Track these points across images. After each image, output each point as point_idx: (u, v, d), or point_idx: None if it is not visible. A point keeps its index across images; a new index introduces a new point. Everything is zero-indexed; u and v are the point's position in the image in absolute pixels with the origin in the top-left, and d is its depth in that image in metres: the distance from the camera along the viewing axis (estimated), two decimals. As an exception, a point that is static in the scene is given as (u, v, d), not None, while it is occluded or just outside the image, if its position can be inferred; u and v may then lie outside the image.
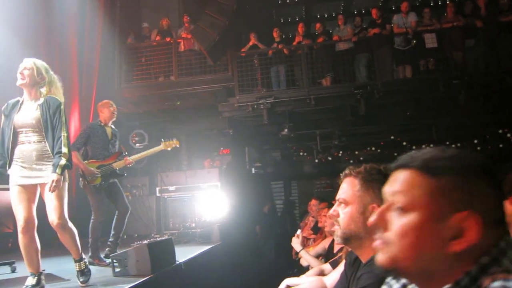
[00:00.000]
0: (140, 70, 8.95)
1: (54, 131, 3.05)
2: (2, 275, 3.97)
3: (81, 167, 4.41)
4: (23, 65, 3.12)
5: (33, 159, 3.02)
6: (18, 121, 3.06)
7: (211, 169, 8.07)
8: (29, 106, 3.11)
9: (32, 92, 3.13)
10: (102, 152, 4.54)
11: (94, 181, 4.41)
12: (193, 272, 4.27)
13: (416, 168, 0.79)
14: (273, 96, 8.29)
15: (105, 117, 4.66)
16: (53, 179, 2.90)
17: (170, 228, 7.51)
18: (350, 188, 1.47)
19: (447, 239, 0.74)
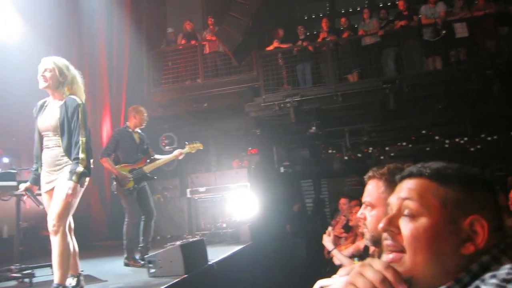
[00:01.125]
0: (167, 74, 9.11)
1: (72, 135, 2.91)
2: (45, 276, 4.13)
3: (114, 172, 4.53)
4: (43, 66, 2.98)
5: (53, 163, 2.94)
6: (41, 124, 3.00)
7: (239, 170, 8.12)
8: (52, 108, 3.01)
9: (56, 93, 3.02)
10: (133, 156, 4.63)
11: (127, 185, 4.51)
12: (225, 272, 4.32)
13: (428, 177, 0.84)
14: (300, 94, 8.24)
15: (135, 122, 4.74)
16: (69, 186, 2.78)
17: (202, 228, 7.61)
18: (374, 191, 1.45)
19: (460, 241, 0.78)
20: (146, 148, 4.80)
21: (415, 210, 0.82)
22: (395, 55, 8.18)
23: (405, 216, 0.83)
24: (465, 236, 0.78)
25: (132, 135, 4.70)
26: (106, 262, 5.22)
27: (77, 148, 2.87)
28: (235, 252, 5.08)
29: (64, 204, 2.82)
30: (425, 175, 0.84)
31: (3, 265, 4.10)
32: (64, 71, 3.01)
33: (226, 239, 6.45)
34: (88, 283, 3.64)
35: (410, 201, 0.83)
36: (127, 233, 4.48)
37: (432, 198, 0.81)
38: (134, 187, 4.55)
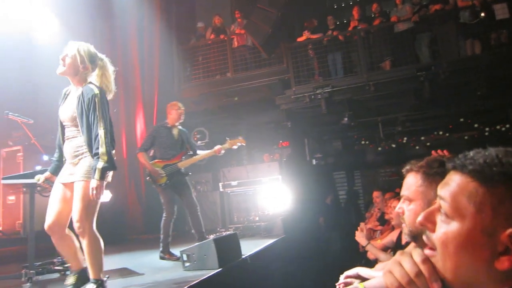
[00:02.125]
0: (197, 70, 9.19)
1: (91, 128, 2.71)
2: (84, 269, 4.28)
3: (147, 167, 4.58)
4: (66, 50, 2.80)
5: (71, 155, 2.79)
6: (61, 113, 2.85)
7: (271, 163, 8.10)
8: (72, 97, 2.84)
9: (75, 80, 2.83)
10: (169, 152, 4.64)
11: (160, 181, 4.56)
12: (259, 266, 4.32)
13: (469, 174, 0.71)
14: (331, 85, 8.11)
15: (172, 118, 4.75)
16: (92, 186, 2.61)
17: (235, 222, 7.66)
18: (412, 184, 1.39)
19: (494, 254, 0.67)
20: (184, 144, 4.79)
21: (448, 211, 0.72)
22: (429, 41, 7.87)
23: (441, 214, 0.74)
24: (502, 249, 0.66)
25: (170, 131, 4.71)
26: (143, 255, 5.36)
27: (97, 142, 2.68)
28: (268, 245, 5.08)
29: (84, 200, 2.65)
30: (465, 171, 0.71)
31: (46, 258, 4.28)
32: (85, 60, 2.79)
33: (259, 233, 6.46)
34: (126, 276, 3.75)
35: (446, 199, 0.73)
36: (163, 228, 4.54)
37: (466, 201, 0.70)
38: (166, 183, 4.56)
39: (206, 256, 3.62)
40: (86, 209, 2.67)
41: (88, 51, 2.83)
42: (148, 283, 3.33)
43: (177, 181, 4.63)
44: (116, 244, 7.10)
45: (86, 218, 2.68)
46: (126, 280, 3.59)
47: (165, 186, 4.58)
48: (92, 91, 2.76)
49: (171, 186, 4.61)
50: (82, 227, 2.67)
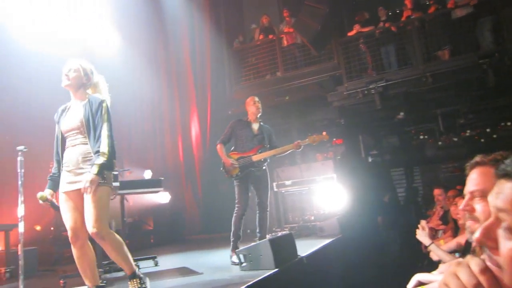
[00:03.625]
0: (247, 71, 9.28)
1: (96, 131, 2.83)
2: (146, 268, 4.49)
3: (222, 158, 4.59)
4: (68, 66, 2.95)
5: (77, 163, 2.82)
6: (64, 125, 2.93)
7: (325, 161, 7.97)
8: (75, 108, 2.96)
9: (78, 93, 2.97)
10: (245, 145, 4.64)
11: (232, 172, 4.53)
12: (316, 266, 4.27)
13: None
14: (384, 79, 7.82)
15: (251, 113, 4.77)
16: (87, 179, 2.65)
17: (290, 221, 7.64)
18: (486, 179, 1.26)
19: None
20: (265, 139, 4.75)
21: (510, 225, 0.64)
22: (492, 25, 7.33)
23: (502, 228, 0.66)
24: None
25: (249, 125, 4.73)
26: (201, 255, 5.51)
27: (99, 142, 2.79)
28: (324, 245, 5.01)
29: (94, 202, 2.66)
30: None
31: (113, 258, 4.52)
32: (88, 73, 3.01)
33: (315, 232, 6.39)
34: (185, 275, 3.88)
35: (505, 213, 0.65)
36: (233, 224, 4.48)
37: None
38: (237, 174, 4.51)
39: (262, 256, 3.64)
40: (101, 211, 2.69)
41: (88, 66, 3.04)
42: (206, 282, 3.42)
43: (250, 174, 4.55)
44: (175, 244, 7.37)
45: (101, 221, 2.67)
46: (186, 279, 3.71)
47: (236, 178, 4.52)
48: (99, 98, 2.97)
49: (242, 178, 4.53)
50: (99, 230, 2.66)
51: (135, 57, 7.92)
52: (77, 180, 2.76)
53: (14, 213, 3.56)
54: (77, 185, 2.75)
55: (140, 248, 6.76)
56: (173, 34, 9.31)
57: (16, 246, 3.85)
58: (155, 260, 4.75)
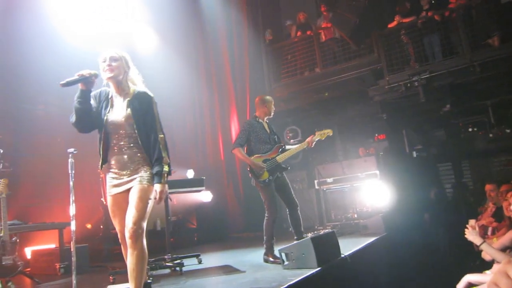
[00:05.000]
0: (286, 68, 9.23)
1: (149, 133, 2.62)
2: (190, 266, 4.59)
3: (248, 162, 4.39)
4: (108, 55, 2.66)
5: (124, 165, 2.64)
6: (110, 120, 2.65)
7: (367, 158, 7.78)
8: (118, 103, 2.70)
9: (120, 87, 2.70)
10: (265, 146, 4.49)
11: (262, 176, 4.37)
12: (360, 265, 4.18)
13: None
14: (428, 71, 7.51)
15: (264, 111, 4.63)
16: (159, 190, 2.54)
17: (332, 220, 7.54)
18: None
19: None
20: (277, 137, 4.66)
21: None
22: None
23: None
24: None
25: (263, 125, 4.58)
26: (244, 253, 5.55)
27: (157, 147, 2.59)
28: (368, 244, 4.89)
29: (145, 208, 2.54)
30: None
31: (158, 254, 4.67)
32: (128, 62, 2.74)
33: (358, 231, 6.27)
34: (229, 273, 3.93)
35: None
36: (266, 229, 4.33)
37: None
38: (269, 178, 4.36)
39: (304, 255, 3.61)
40: (145, 214, 2.55)
41: (127, 55, 2.77)
42: (249, 280, 3.44)
43: (278, 177, 4.46)
44: (218, 242, 7.49)
45: (142, 222, 2.52)
46: (229, 277, 3.76)
47: (268, 182, 4.37)
48: (149, 95, 2.72)
49: (271, 182, 4.40)
50: (138, 231, 2.48)
51: (173, 57, 8.09)
52: (123, 182, 2.62)
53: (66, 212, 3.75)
54: (123, 187, 2.62)
55: (184, 246, 6.93)
56: (211, 34, 9.44)
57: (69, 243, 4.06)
58: (199, 258, 4.84)
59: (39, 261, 5.28)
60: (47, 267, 5.08)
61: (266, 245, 4.32)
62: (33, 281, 4.39)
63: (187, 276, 4.00)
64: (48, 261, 5.12)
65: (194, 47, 9.38)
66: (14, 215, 5.29)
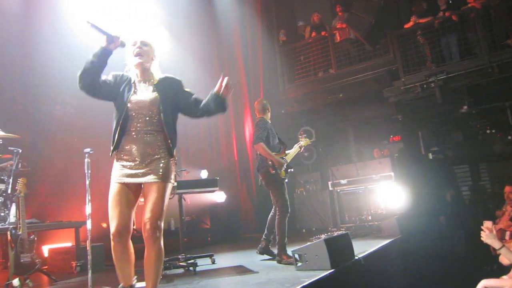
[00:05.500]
0: (300, 69, 9.21)
1: (175, 124, 2.56)
2: (204, 266, 4.60)
3: (272, 158, 4.38)
4: (139, 38, 2.57)
5: (141, 153, 2.45)
6: (134, 101, 2.48)
7: (382, 159, 7.72)
8: (143, 88, 2.56)
9: (145, 73, 2.59)
10: (277, 146, 4.57)
11: (282, 174, 4.41)
12: (374, 268, 4.14)
13: None
14: (445, 71, 7.41)
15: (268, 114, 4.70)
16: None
17: (346, 221, 7.49)
18: None
19: None
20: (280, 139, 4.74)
21: None
22: None
23: None
24: None
25: (271, 126, 4.65)
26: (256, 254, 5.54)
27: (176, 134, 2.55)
28: (383, 246, 4.84)
29: (164, 206, 2.43)
30: None
31: (172, 254, 4.71)
32: (155, 51, 2.64)
33: (372, 233, 6.21)
34: (241, 274, 3.93)
35: None
36: (280, 228, 4.33)
37: None
38: (286, 176, 4.46)
39: (317, 257, 3.59)
40: (163, 211, 2.43)
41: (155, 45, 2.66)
42: (262, 281, 3.43)
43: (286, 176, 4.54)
44: (231, 242, 7.50)
45: (162, 221, 2.42)
46: (242, 277, 3.76)
47: (283, 179, 4.44)
48: (177, 78, 2.65)
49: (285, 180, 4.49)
50: (158, 230, 2.39)
51: (187, 58, 8.14)
52: (139, 174, 2.44)
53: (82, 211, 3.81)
54: (137, 179, 2.44)
55: (197, 246, 6.96)
56: (225, 35, 9.48)
57: (85, 242, 4.12)
58: (212, 258, 4.85)
59: (56, 259, 5.36)
60: (63, 265, 5.16)
61: (279, 245, 4.34)
62: (50, 279, 4.46)
63: (201, 276, 4.01)
64: (65, 259, 5.19)
65: (208, 48, 9.43)
66: (32, 214, 5.39)
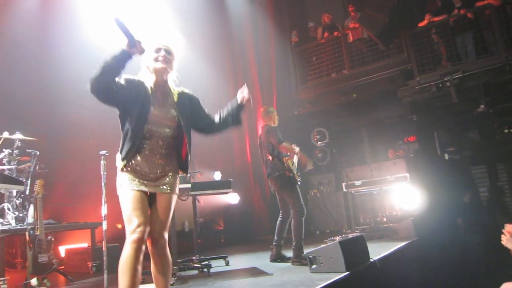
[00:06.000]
0: (312, 70, 9.17)
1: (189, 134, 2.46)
2: (217, 267, 4.61)
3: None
4: (164, 46, 2.41)
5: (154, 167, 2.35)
6: (153, 118, 2.32)
7: (397, 160, 7.63)
8: (162, 101, 2.41)
9: (163, 83, 2.44)
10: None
11: (296, 176, 4.59)
12: (389, 271, 4.09)
13: None
14: (461, 70, 7.28)
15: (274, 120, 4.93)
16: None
17: (361, 223, 7.43)
18: None
19: None
20: None
21: None
22: None
23: None
24: None
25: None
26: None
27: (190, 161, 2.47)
28: (398, 248, 4.78)
29: (170, 217, 2.39)
30: None
31: (186, 255, 4.73)
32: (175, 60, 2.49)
33: (388, 235, 6.14)
34: (255, 276, 3.92)
35: None
36: (297, 230, 4.38)
37: None
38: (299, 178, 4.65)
39: (332, 259, 3.57)
40: (169, 222, 2.40)
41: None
42: (276, 283, 3.42)
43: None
44: (245, 244, 7.50)
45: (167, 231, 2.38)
46: (256, 279, 3.75)
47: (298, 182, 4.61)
48: (195, 97, 2.60)
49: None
50: (165, 241, 2.35)
51: (199, 59, 8.18)
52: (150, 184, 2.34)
53: (98, 213, 3.85)
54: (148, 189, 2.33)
55: (211, 248, 6.99)
56: (237, 36, 9.50)
57: (100, 242, 4.17)
58: (226, 259, 4.86)
59: (72, 259, 5.45)
60: (80, 265, 5.24)
61: (296, 247, 4.36)
62: (66, 279, 4.52)
63: (215, 277, 4.02)
64: (81, 259, 5.28)
65: (221, 50, 9.47)
66: (49, 215, 5.48)
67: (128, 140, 2.29)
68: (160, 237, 2.32)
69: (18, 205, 4.98)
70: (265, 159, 4.78)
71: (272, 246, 4.72)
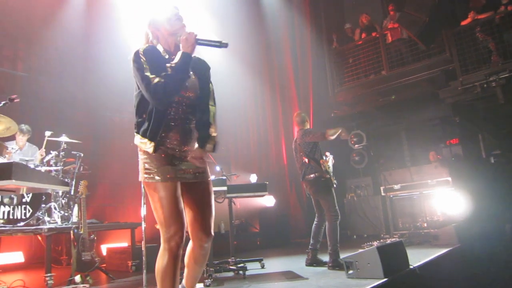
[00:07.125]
0: (349, 72, 9.03)
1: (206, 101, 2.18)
2: (253, 270, 4.63)
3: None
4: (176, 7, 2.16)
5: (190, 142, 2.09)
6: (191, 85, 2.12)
7: (438, 163, 7.36)
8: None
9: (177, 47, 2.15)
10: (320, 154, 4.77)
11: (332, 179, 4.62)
12: (430, 278, 3.95)
13: None
14: (508, 70, 6.92)
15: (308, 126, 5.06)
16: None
17: (400, 228, 7.21)
18: None
19: None
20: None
21: None
22: None
23: None
24: None
25: None
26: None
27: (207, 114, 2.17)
28: (440, 255, 4.60)
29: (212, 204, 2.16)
30: None
31: (222, 257, 4.78)
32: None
33: (428, 241, 5.92)
34: (291, 279, 3.90)
35: None
36: (333, 234, 4.39)
37: None
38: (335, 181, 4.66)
39: (369, 265, 3.49)
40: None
41: None
42: (312, 288, 3.39)
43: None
44: (281, 247, 7.48)
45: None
46: (292, 283, 3.73)
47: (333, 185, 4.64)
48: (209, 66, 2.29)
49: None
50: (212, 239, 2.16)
51: (237, 64, 8.26)
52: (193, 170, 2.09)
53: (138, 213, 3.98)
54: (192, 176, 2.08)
55: (247, 250, 7.02)
56: (274, 38, 9.53)
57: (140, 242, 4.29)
58: (262, 262, 4.87)
59: (113, 258, 5.64)
60: (120, 264, 5.41)
61: (332, 251, 4.34)
62: (108, 277, 4.69)
63: (250, 280, 4.04)
64: (121, 258, 5.45)
65: (258, 53, 9.52)
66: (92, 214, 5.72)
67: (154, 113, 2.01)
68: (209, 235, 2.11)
69: (63, 204, 5.22)
70: (300, 163, 4.81)
71: (308, 250, 4.70)
